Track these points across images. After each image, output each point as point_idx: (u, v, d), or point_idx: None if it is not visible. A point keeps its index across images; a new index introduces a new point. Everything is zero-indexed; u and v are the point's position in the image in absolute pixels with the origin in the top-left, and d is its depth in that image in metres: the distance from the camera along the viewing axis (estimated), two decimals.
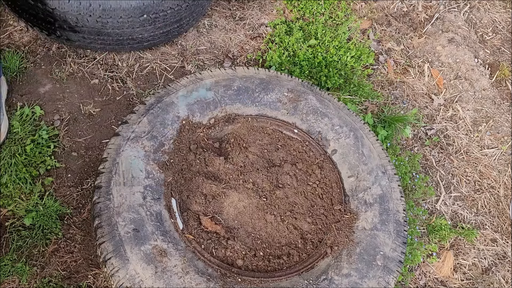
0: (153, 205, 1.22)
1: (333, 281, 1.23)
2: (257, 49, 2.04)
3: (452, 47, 2.33)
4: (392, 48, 2.26)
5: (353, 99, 1.97)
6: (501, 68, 2.34)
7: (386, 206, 1.39)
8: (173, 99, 1.41)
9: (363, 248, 1.31)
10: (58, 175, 1.57)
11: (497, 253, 1.87)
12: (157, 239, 1.17)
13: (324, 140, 1.51)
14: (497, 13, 2.54)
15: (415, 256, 1.69)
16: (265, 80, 1.55)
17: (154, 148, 1.31)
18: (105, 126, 1.70)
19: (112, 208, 1.18)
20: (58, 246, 1.46)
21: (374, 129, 1.92)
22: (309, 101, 1.55)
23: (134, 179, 1.24)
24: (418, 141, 2.05)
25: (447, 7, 2.47)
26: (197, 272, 1.15)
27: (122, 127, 1.33)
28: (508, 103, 2.27)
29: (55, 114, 1.67)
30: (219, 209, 1.31)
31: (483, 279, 1.80)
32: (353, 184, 1.44)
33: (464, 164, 2.05)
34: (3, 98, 1.59)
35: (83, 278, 1.43)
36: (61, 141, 1.62)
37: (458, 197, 1.96)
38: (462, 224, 1.89)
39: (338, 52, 2.05)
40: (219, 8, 2.11)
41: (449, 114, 2.16)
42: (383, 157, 1.49)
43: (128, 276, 1.10)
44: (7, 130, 1.56)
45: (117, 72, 1.81)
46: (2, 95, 1.57)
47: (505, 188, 2.03)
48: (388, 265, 1.29)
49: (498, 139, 2.15)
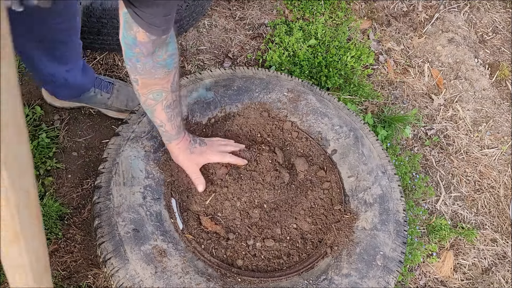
0: (153, 205, 1.22)
1: (333, 281, 1.23)
2: (257, 49, 2.04)
3: (452, 47, 2.33)
4: (392, 48, 2.26)
5: (353, 99, 1.97)
6: (501, 68, 2.34)
7: (386, 206, 1.39)
8: None
9: (363, 248, 1.31)
10: (58, 175, 1.57)
11: (497, 253, 1.87)
12: (157, 239, 1.17)
13: (324, 140, 1.51)
14: (497, 13, 2.54)
15: (415, 256, 1.69)
16: (265, 80, 1.55)
17: (154, 148, 1.31)
18: (105, 126, 1.70)
19: (112, 208, 1.18)
20: (58, 246, 1.46)
21: (374, 129, 1.92)
22: (309, 101, 1.55)
23: (134, 179, 1.24)
24: (418, 141, 2.05)
25: (447, 7, 2.47)
26: (197, 272, 1.15)
27: (122, 127, 1.33)
28: (508, 103, 2.27)
29: (55, 114, 1.67)
30: (219, 209, 1.31)
31: (483, 279, 1.80)
32: (353, 184, 1.44)
33: (464, 164, 2.05)
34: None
35: (83, 278, 1.43)
36: (61, 141, 1.63)
37: (458, 197, 1.96)
38: (462, 224, 1.89)
39: (338, 52, 2.05)
40: (219, 8, 2.11)
41: (449, 114, 2.16)
42: (383, 157, 1.49)
43: (128, 276, 1.10)
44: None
45: (117, 72, 1.81)
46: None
47: (505, 188, 2.03)
48: (388, 265, 1.28)
49: (498, 139, 2.15)
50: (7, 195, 0.25)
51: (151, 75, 1.04)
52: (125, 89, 1.66)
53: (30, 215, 0.27)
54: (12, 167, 0.24)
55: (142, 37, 0.94)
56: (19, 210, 0.26)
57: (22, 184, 0.26)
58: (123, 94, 1.65)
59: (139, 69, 1.02)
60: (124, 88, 1.66)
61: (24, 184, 0.26)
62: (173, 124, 1.18)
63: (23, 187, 0.26)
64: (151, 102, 1.11)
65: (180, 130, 1.22)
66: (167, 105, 1.12)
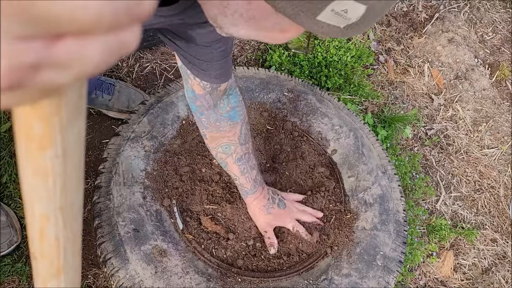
0: (153, 205, 1.22)
1: (333, 281, 1.23)
2: (257, 49, 2.04)
3: (452, 47, 2.33)
4: (392, 48, 2.26)
5: (353, 99, 1.97)
6: (501, 68, 2.34)
7: (386, 206, 1.39)
8: (173, 99, 1.41)
9: (363, 248, 1.31)
10: None
11: (497, 253, 1.87)
12: (157, 239, 1.17)
13: (324, 140, 1.51)
14: (497, 13, 2.54)
15: (415, 256, 1.69)
16: (265, 80, 1.55)
17: (154, 148, 1.31)
18: (105, 126, 1.70)
19: (112, 208, 1.18)
20: None
21: (374, 129, 1.92)
22: (309, 101, 1.55)
23: (134, 179, 1.24)
24: (418, 141, 2.05)
25: (447, 7, 2.47)
26: (197, 272, 1.15)
27: (122, 127, 1.33)
28: (508, 103, 2.27)
29: None
30: (220, 209, 1.31)
31: (483, 279, 1.80)
32: (353, 184, 1.44)
33: (464, 164, 2.04)
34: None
35: (83, 278, 1.43)
36: None
37: (458, 197, 1.96)
38: (462, 224, 1.89)
39: (338, 52, 2.05)
40: None
41: (449, 114, 2.16)
42: (383, 157, 1.49)
43: (128, 276, 1.10)
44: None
45: (117, 72, 1.81)
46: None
47: (505, 188, 2.03)
48: (388, 265, 1.28)
49: (498, 139, 2.15)
50: (58, 236, 0.29)
51: (216, 128, 1.04)
52: (126, 90, 1.66)
53: (73, 253, 0.31)
54: (67, 213, 0.28)
55: (198, 89, 0.94)
56: (65, 249, 0.30)
57: (72, 228, 0.29)
58: (124, 95, 1.65)
59: (204, 123, 1.04)
60: (125, 89, 1.66)
61: (74, 228, 0.30)
62: (247, 177, 1.16)
63: (73, 230, 0.29)
64: (222, 156, 1.11)
65: (256, 184, 1.19)
66: (238, 158, 1.11)
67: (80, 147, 0.27)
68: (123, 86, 1.67)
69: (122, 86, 1.66)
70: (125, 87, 1.66)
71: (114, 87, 1.64)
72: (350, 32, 0.46)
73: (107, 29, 0.22)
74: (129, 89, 1.66)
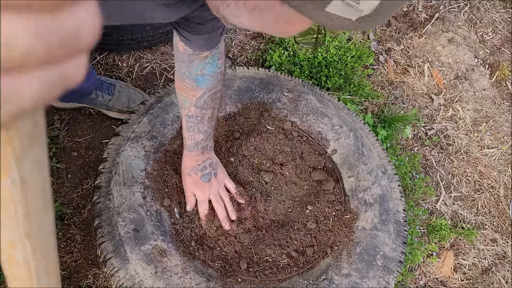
0: (153, 205, 1.22)
1: (333, 281, 1.23)
2: (257, 49, 2.04)
3: (452, 47, 2.33)
4: (392, 48, 2.26)
5: (353, 99, 1.97)
6: (501, 68, 2.34)
7: (386, 206, 1.39)
8: (173, 99, 1.41)
9: (363, 248, 1.31)
10: (58, 175, 1.57)
11: (497, 253, 1.87)
12: (157, 239, 1.17)
13: (324, 140, 1.51)
14: (497, 13, 2.54)
15: (415, 256, 1.69)
16: (265, 80, 1.55)
17: (154, 148, 1.31)
18: (105, 126, 1.70)
19: (112, 208, 1.18)
20: (58, 246, 1.46)
21: (374, 129, 1.92)
22: (309, 101, 1.55)
23: (134, 179, 1.24)
24: (418, 141, 2.05)
25: (447, 7, 2.47)
26: (197, 272, 1.15)
27: (122, 127, 1.33)
28: (508, 103, 2.27)
29: (55, 114, 1.67)
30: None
31: (483, 279, 1.80)
32: (353, 184, 1.44)
33: (464, 164, 2.05)
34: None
35: (83, 278, 1.43)
36: (61, 142, 1.63)
37: (458, 197, 1.96)
38: (462, 224, 1.89)
39: (338, 52, 2.05)
40: None
41: (449, 114, 2.16)
42: (383, 157, 1.49)
43: (128, 276, 1.10)
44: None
45: (117, 72, 1.81)
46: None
47: (505, 188, 2.03)
48: (388, 265, 1.28)
49: (498, 139, 2.15)
50: (27, 260, 0.29)
51: (181, 81, 1.08)
52: (126, 90, 1.66)
53: (47, 274, 0.32)
54: (34, 239, 0.28)
55: (181, 48, 1.00)
56: (38, 272, 0.31)
57: (43, 251, 0.30)
58: (124, 95, 1.65)
59: (176, 68, 1.09)
60: (125, 89, 1.66)
61: (45, 251, 0.31)
62: (191, 135, 1.18)
63: (44, 253, 0.30)
64: (179, 103, 1.16)
65: (197, 146, 1.20)
66: (189, 115, 1.14)
67: (40, 173, 0.27)
68: (123, 86, 1.67)
69: (122, 86, 1.66)
70: (125, 87, 1.66)
71: (114, 87, 1.64)
72: (363, 25, 0.43)
73: (42, 64, 0.21)
74: (129, 89, 1.66)
